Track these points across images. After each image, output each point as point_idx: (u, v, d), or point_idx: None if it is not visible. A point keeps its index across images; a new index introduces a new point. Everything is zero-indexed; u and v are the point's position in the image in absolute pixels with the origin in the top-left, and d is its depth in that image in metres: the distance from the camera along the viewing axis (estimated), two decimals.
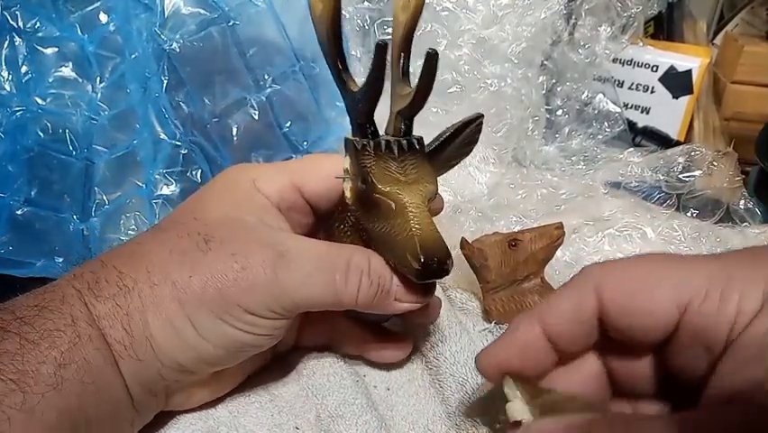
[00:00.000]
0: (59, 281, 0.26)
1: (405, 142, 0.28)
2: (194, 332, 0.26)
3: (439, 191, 0.32)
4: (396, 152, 0.28)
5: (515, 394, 0.24)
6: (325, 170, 0.30)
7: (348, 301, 0.28)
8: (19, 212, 0.38)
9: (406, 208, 0.27)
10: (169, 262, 0.27)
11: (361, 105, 0.27)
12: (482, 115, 0.31)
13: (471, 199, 0.50)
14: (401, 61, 0.28)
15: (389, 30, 0.42)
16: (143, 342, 0.26)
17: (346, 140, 0.29)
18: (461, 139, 0.31)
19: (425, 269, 0.26)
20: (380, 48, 0.25)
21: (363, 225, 0.29)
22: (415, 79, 0.27)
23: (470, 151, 0.32)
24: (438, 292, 0.36)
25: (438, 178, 0.30)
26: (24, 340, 0.23)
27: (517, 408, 0.24)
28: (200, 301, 0.26)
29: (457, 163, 0.32)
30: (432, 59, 0.26)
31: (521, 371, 0.24)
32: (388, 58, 0.26)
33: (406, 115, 0.28)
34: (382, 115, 0.29)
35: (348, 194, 0.29)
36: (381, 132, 0.29)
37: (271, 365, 0.34)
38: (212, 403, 0.31)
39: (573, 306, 0.23)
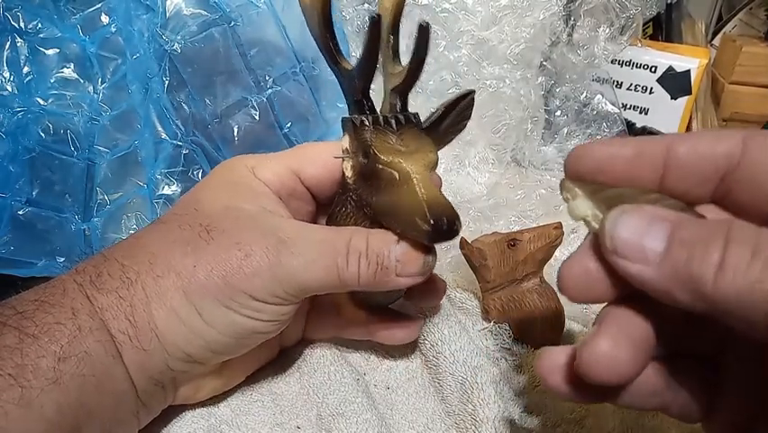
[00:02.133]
0: (60, 277, 0.26)
1: (402, 116, 0.29)
2: (200, 321, 0.26)
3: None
4: (394, 125, 0.28)
5: (575, 193, 0.22)
6: (323, 156, 0.30)
7: (351, 282, 0.28)
8: (21, 212, 0.38)
9: (410, 175, 0.27)
10: (172, 253, 0.27)
11: (357, 82, 0.28)
12: (473, 91, 0.31)
13: (471, 199, 0.50)
14: (390, 42, 0.29)
15: None
16: (148, 332, 0.26)
17: (344, 119, 0.29)
18: (455, 114, 0.31)
19: (435, 229, 0.25)
20: (374, 22, 0.25)
21: (366, 201, 0.29)
22: (405, 59, 0.28)
23: (464, 127, 0.32)
24: None
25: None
26: (24, 335, 0.23)
27: (581, 204, 0.21)
28: (205, 290, 0.26)
29: (451, 140, 0.33)
30: (424, 31, 0.26)
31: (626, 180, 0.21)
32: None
33: (401, 91, 0.29)
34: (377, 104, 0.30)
35: (349, 173, 0.29)
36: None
37: (273, 364, 0.34)
38: (214, 401, 0.31)
39: (712, 144, 0.20)
